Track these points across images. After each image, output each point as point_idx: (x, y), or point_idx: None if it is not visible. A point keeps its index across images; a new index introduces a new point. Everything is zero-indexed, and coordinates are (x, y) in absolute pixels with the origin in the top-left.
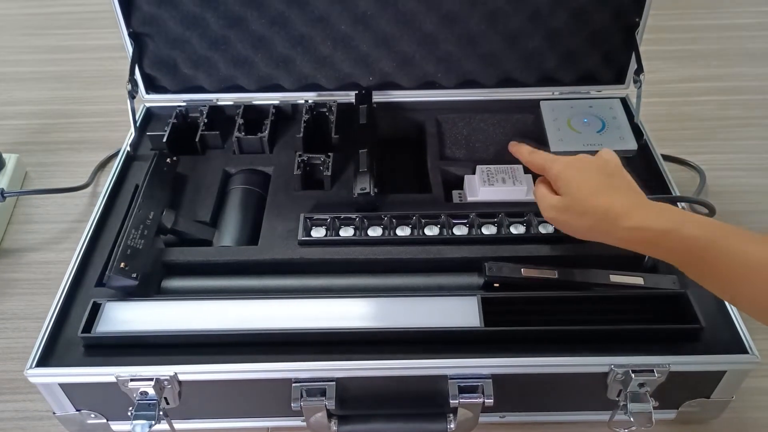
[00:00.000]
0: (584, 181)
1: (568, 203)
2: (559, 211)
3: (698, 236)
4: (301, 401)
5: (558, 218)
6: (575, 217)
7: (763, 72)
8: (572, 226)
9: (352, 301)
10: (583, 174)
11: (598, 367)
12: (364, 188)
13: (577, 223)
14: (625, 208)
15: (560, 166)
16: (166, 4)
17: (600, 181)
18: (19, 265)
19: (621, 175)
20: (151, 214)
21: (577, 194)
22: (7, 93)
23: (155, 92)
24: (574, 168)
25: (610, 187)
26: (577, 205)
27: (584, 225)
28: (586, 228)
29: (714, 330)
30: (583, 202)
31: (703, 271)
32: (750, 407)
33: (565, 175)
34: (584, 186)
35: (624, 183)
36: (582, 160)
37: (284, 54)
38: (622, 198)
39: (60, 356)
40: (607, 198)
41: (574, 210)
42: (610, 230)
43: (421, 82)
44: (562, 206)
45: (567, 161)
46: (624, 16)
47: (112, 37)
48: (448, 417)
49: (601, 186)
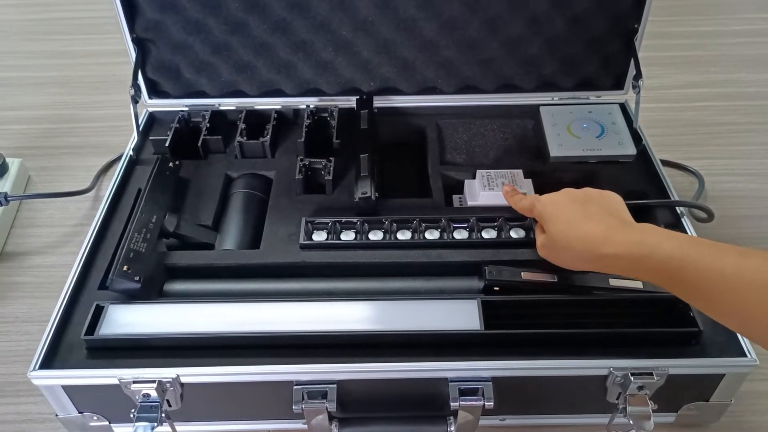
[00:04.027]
0: (561, 214)
1: (552, 239)
2: (546, 248)
3: (672, 256)
4: (303, 404)
5: (547, 255)
6: (561, 251)
7: (761, 78)
8: (561, 259)
9: (353, 304)
10: (559, 207)
11: (598, 370)
12: (365, 192)
13: (563, 256)
14: (601, 236)
15: (540, 205)
16: (169, 10)
17: (575, 211)
18: (22, 269)
19: (596, 200)
20: (154, 217)
21: (557, 228)
22: (10, 98)
23: (158, 97)
24: (550, 203)
25: (585, 216)
26: (559, 239)
27: (570, 257)
28: (573, 259)
29: (712, 333)
30: (563, 235)
31: (685, 290)
32: (749, 410)
33: (545, 212)
34: (561, 219)
35: (598, 209)
36: (558, 195)
37: (286, 59)
38: (597, 225)
39: (63, 359)
40: (583, 228)
41: (558, 244)
42: (593, 258)
43: (421, 88)
44: (548, 243)
45: (546, 199)
46: (623, 22)
47: (115, 43)
48: (449, 420)
49: (576, 216)
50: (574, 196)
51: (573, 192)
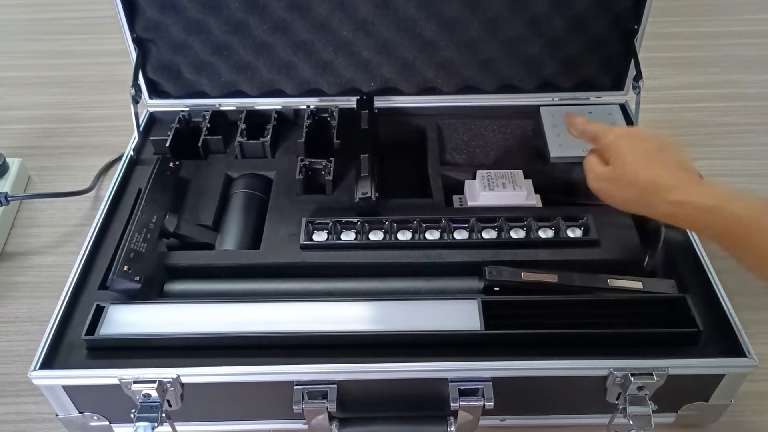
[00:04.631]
0: (634, 152)
1: (616, 173)
2: (605, 180)
3: (742, 215)
4: (303, 404)
5: (603, 188)
6: (621, 187)
7: (761, 79)
8: (616, 196)
9: (353, 305)
10: (634, 145)
11: (598, 370)
12: (365, 193)
13: (621, 193)
14: (671, 182)
15: (613, 136)
16: (170, 10)
17: (650, 153)
18: (22, 269)
19: (672, 150)
20: (154, 217)
21: (625, 165)
22: (10, 98)
23: (158, 97)
24: (626, 138)
25: (660, 160)
26: (625, 176)
27: (628, 196)
28: (630, 199)
29: (712, 334)
30: (631, 173)
31: (743, 251)
32: (748, 411)
33: (616, 145)
34: (634, 157)
35: (674, 159)
36: (635, 132)
37: (286, 60)
38: (670, 172)
39: (63, 359)
40: (655, 170)
41: (620, 180)
42: (654, 203)
43: (421, 88)
44: (609, 176)
45: (620, 131)
46: (623, 23)
47: (115, 43)
48: (449, 420)
49: (650, 158)
50: (651, 138)
51: (650, 133)
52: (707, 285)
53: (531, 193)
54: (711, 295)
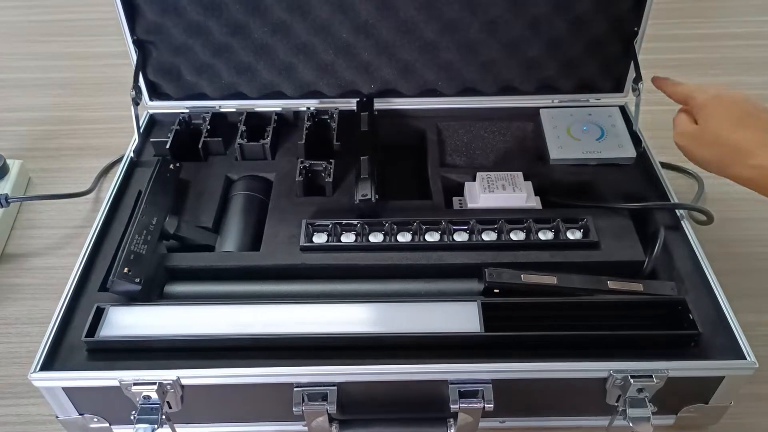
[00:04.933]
0: (722, 113)
1: (702, 132)
2: (691, 137)
3: None
4: (303, 405)
5: (687, 145)
6: (705, 146)
7: (761, 81)
8: (699, 155)
9: (353, 307)
10: (723, 106)
11: (598, 372)
12: (365, 194)
13: (704, 152)
14: (753, 146)
15: (706, 96)
16: (170, 13)
17: (739, 117)
18: (22, 270)
19: (761, 115)
20: (154, 219)
21: (711, 125)
22: (11, 99)
23: (158, 99)
24: (718, 99)
25: (747, 124)
26: (710, 135)
27: (711, 155)
28: (712, 159)
29: (712, 336)
30: (717, 133)
31: None
32: (748, 413)
33: (709, 104)
34: (721, 118)
35: (762, 124)
36: (727, 95)
37: (286, 62)
38: (755, 136)
39: (63, 360)
40: (741, 133)
41: (705, 139)
42: (735, 165)
43: (421, 90)
44: (696, 134)
45: (714, 93)
46: (623, 25)
47: (116, 45)
48: (449, 422)
49: (739, 121)
50: (741, 101)
51: (742, 97)
52: (707, 287)
53: (531, 194)
54: (711, 297)
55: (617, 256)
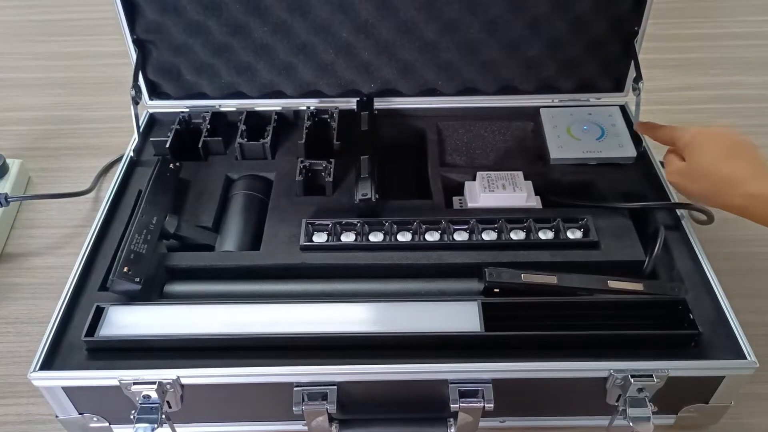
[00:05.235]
0: (709, 148)
1: (691, 168)
2: (682, 174)
3: None
4: (303, 405)
5: (680, 182)
6: (696, 180)
7: (761, 81)
8: (691, 189)
9: (353, 306)
10: (708, 142)
11: (598, 372)
12: (365, 194)
13: (696, 186)
14: (744, 176)
15: (689, 135)
16: (170, 12)
17: (724, 149)
18: (22, 270)
19: (746, 146)
20: (154, 219)
21: (701, 160)
22: (11, 99)
23: (158, 98)
24: (702, 135)
25: (734, 155)
26: (700, 170)
27: (702, 189)
28: (704, 191)
29: (713, 336)
30: (705, 168)
31: None
32: (748, 413)
33: (693, 142)
34: (709, 152)
35: (748, 153)
36: (709, 130)
37: (286, 61)
38: (743, 166)
39: (63, 360)
40: (728, 165)
41: (695, 174)
42: (727, 195)
43: (421, 89)
44: (685, 170)
45: (697, 130)
46: (623, 24)
47: (115, 44)
48: (449, 421)
49: (724, 154)
50: (725, 135)
51: (725, 131)
52: (707, 287)
53: (531, 194)
54: (711, 297)
55: (617, 256)
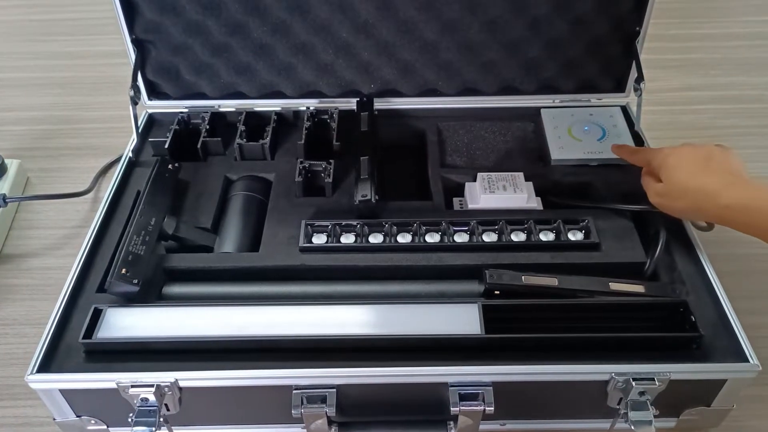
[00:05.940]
0: (682, 166)
1: (669, 187)
2: (661, 195)
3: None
4: (302, 408)
5: (661, 202)
6: (676, 199)
7: (762, 81)
8: (673, 207)
9: (352, 308)
10: (681, 160)
11: (599, 374)
12: (365, 195)
13: (677, 204)
14: (716, 188)
15: (662, 157)
16: (169, 12)
17: (697, 164)
18: (20, 271)
19: (717, 158)
20: (153, 220)
21: (675, 179)
22: (9, 99)
23: (157, 98)
24: (673, 156)
25: (705, 169)
26: (677, 188)
27: (684, 206)
28: (685, 208)
29: (714, 338)
30: (683, 185)
31: None
32: (750, 416)
33: (666, 164)
34: (682, 170)
35: (719, 165)
36: (680, 149)
37: (286, 61)
38: (715, 179)
39: (61, 362)
40: (702, 179)
41: (675, 193)
42: (706, 209)
43: (422, 90)
44: (663, 191)
45: (667, 152)
46: (624, 25)
47: (114, 44)
48: (449, 424)
49: (697, 169)
50: (696, 151)
51: (696, 146)
52: (709, 289)
53: (532, 195)
54: (713, 299)
55: (618, 258)
